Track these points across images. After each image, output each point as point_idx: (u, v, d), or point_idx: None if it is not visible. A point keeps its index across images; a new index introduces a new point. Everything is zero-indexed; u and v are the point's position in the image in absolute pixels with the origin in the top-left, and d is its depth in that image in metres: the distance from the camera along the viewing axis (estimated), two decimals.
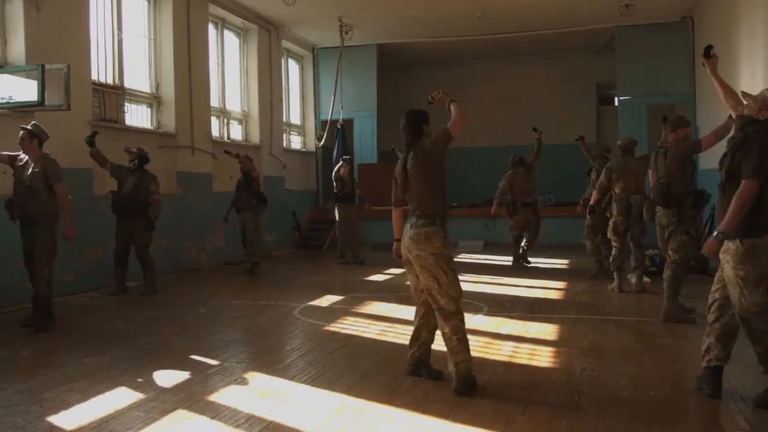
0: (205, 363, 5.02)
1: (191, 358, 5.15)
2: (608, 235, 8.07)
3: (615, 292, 7.89)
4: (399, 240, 4.46)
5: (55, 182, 6.22)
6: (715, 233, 3.90)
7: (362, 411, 3.92)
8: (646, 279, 8.06)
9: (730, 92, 4.44)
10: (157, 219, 8.25)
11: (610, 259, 8.13)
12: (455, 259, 11.73)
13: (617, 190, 7.82)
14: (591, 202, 8.45)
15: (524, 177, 10.21)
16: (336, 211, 11.16)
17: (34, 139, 6.28)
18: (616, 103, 15.13)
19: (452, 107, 4.28)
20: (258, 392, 4.31)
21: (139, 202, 8.04)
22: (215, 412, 3.92)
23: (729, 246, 3.88)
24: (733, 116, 4.31)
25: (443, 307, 4.24)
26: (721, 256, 3.96)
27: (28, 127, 6.32)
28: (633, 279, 8.01)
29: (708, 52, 4.59)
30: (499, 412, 3.87)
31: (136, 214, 8.03)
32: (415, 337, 4.58)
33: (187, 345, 5.64)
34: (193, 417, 3.84)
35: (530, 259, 10.57)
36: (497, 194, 10.41)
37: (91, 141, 7.86)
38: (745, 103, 4.06)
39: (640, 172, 7.77)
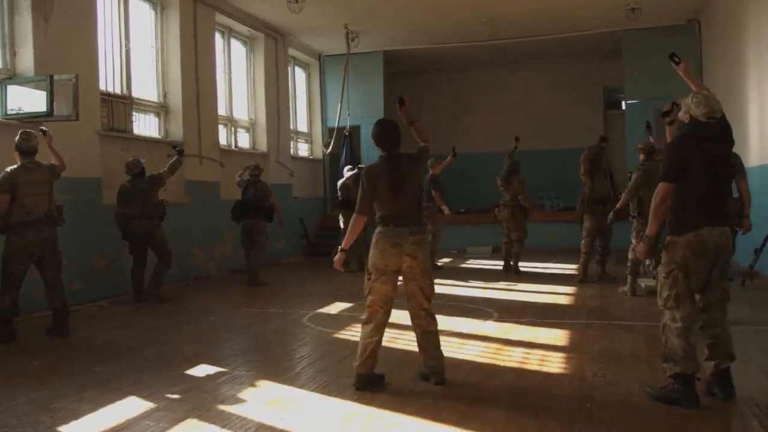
0: (215, 371, 5.01)
1: (201, 367, 5.14)
2: None
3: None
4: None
5: None
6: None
7: (372, 419, 3.91)
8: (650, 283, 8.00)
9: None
10: None
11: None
12: (463, 266, 11.80)
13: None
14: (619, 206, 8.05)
15: None
16: (340, 218, 11.11)
17: None
18: (624, 107, 15.10)
19: (420, 126, 4.72)
20: (268, 400, 4.30)
21: None
22: (226, 420, 3.91)
23: None
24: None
25: (429, 307, 4.50)
26: None
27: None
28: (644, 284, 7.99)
29: (675, 60, 4.40)
30: (510, 419, 3.85)
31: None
32: (374, 353, 4.48)
33: (197, 353, 5.63)
34: (203, 426, 3.83)
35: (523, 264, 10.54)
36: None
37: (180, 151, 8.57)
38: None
39: None
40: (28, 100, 7.44)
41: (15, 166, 6.19)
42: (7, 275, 6.09)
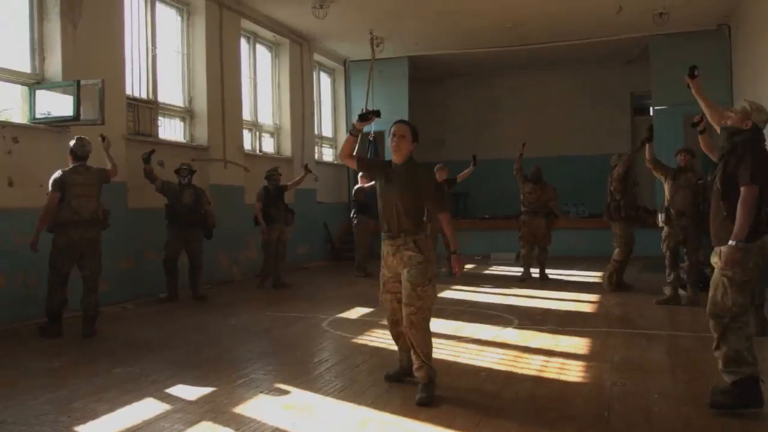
0: (232, 374, 5.03)
1: (219, 370, 5.18)
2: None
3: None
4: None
5: None
6: (731, 242, 3.88)
7: (386, 424, 3.89)
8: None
9: (716, 110, 4.51)
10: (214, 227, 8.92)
11: None
12: (487, 272, 11.72)
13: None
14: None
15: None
16: (355, 222, 11.25)
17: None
18: (651, 113, 14.90)
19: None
20: (284, 404, 4.30)
21: (198, 213, 8.65)
22: (240, 423, 3.92)
23: (718, 249, 4.02)
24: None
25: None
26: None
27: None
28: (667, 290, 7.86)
29: (692, 73, 4.62)
30: (525, 427, 3.81)
31: (195, 224, 8.64)
32: (400, 348, 4.78)
33: (216, 356, 5.68)
34: (218, 429, 3.85)
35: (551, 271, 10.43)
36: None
37: (147, 158, 8.44)
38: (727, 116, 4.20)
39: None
40: (56, 104, 7.59)
41: (66, 168, 6.57)
42: (56, 272, 6.42)
